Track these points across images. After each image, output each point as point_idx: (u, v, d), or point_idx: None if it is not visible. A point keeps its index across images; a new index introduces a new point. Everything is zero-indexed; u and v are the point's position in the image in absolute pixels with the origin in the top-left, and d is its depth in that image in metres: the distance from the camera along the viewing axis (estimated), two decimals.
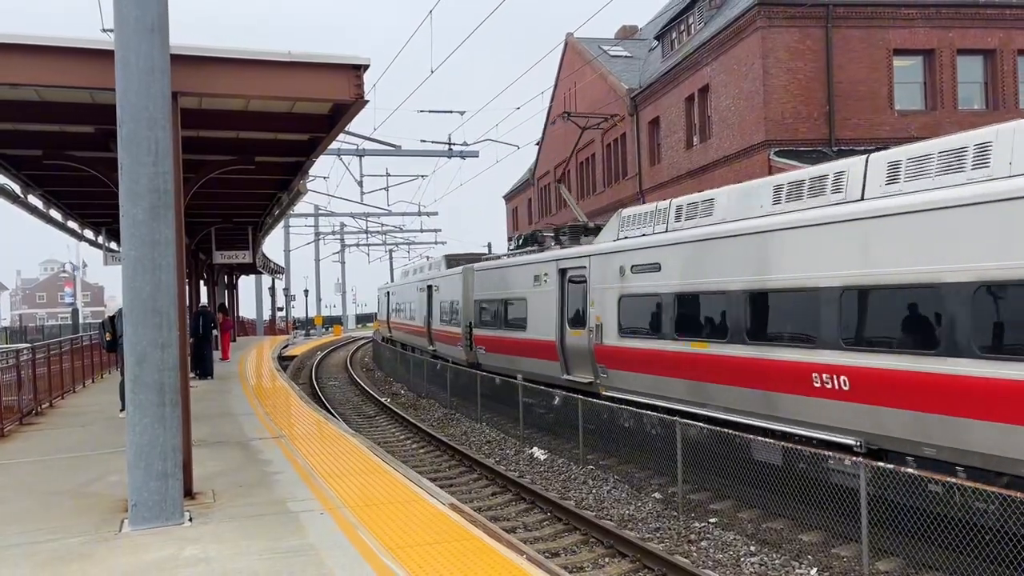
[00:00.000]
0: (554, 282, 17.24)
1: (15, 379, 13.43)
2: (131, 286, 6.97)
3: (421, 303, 30.08)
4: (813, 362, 10.05)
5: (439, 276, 27.33)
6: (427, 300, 28.73)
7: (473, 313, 22.47)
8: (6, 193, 12.47)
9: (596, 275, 15.35)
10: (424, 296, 29.46)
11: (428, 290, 28.67)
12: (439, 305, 26.73)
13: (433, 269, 29.14)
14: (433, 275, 28.37)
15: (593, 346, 15.31)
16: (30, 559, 6.27)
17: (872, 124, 23.13)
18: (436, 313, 27.27)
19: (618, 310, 14.49)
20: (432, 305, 27.93)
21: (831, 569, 8.90)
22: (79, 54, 7.58)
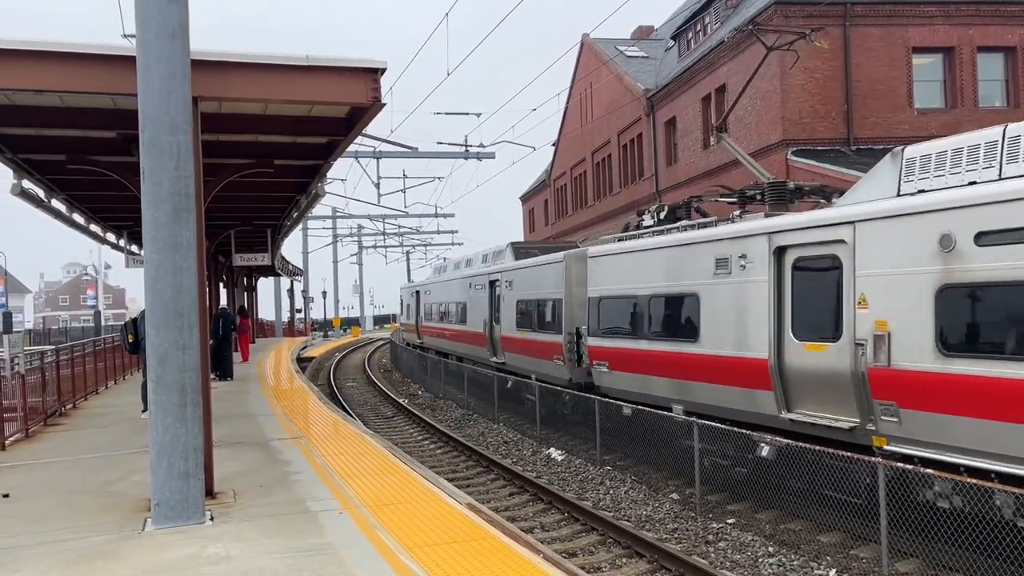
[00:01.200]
0: (761, 266, 11.29)
1: (39, 380, 13.64)
2: (153, 288, 7.08)
3: (477, 303, 24.28)
4: None
5: (509, 269, 21.54)
6: (489, 299, 23.06)
7: (586, 316, 16.35)
8: (30, 197, 12.67)
9: (876, 253, 9.44)
10: (482, 294, 23.74)
11: (490, 287, 23.04)
12: (512, 305, 20.88)
13: (495, 260, 23.91)
14: (498, 268, 22.66)
15: (866, 371, 9.41)
16: (55, 557, 6.38)
17: (891, 123, 22.98)
18: (507, 315, 21.35)
19: (936, 309, 8.61)
20: (498, 305, 22.22)
21: (850, 570, 8.87)
22: (101, 60, 7.71)
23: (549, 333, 18.29)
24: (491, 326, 22.90)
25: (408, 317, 38.98)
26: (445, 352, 29.01)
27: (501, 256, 23.55)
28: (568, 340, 17.23)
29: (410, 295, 38.25)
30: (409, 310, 38.39)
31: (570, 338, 17.18)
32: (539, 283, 19.15)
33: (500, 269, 22.52)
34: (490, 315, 22.99)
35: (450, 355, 27.99)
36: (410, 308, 37.87)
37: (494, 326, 22.67)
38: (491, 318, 22.90)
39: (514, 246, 22.87)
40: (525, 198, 56.53)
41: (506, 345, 21.57)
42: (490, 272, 23.38)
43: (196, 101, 7.80)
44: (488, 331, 23.17)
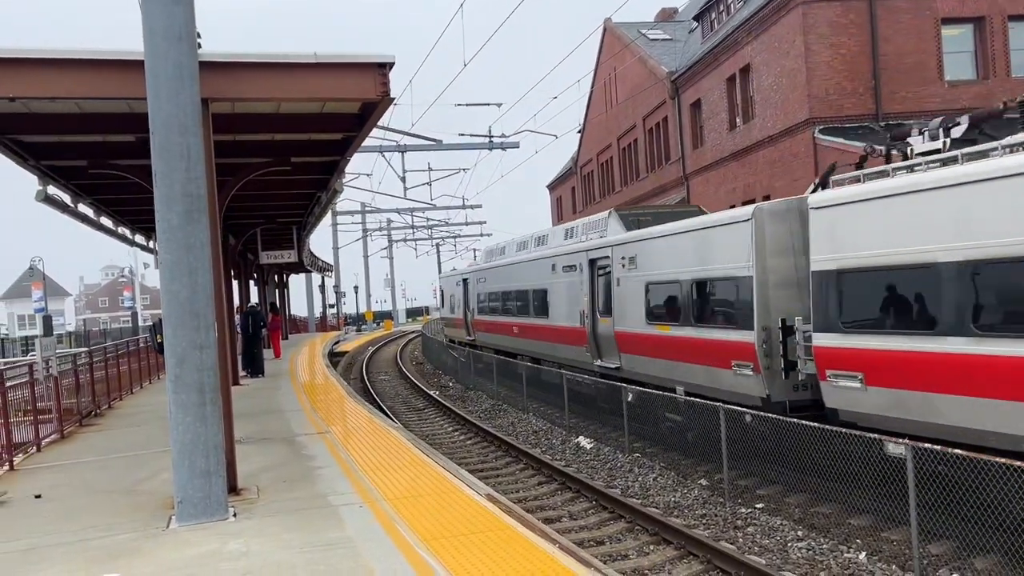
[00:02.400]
0: None
1: (74, 382, 13.92)
2: (169, 289, 7.17)
3: (567, 290, 19.10)
4: None
5: (628, 241, 15.89)
6: (590, 283, 17.69)
7: (801, 302, 11.42)
8: (56, 203, 12.89)
9: None
10: (574, 278, 18.57)
11: (590, 268, 17.69)
12: (638, 290, 15.30)
13: (590, 233, 18.41)
14: (604, 242, 17.05)
15: None
16: (83, 554, 6.51)
17: (921, 97, 22.47)
18: (625, 304, 15.88)
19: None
20: (607, 291, 16.81)
21: (881, 553, 8.74)
22: (113, 66, 7.78)
23: (722, 329, 12.53)
24: (593, 319, 17.36)
25: (453, 310, 33.32)
26: (509, 352, 23.89)
27: (600, 227, 17.84)
28: (763, 339, 11.54)
29: (454, 285, 32.76)
30: (454, 302, 33.02)
31: (765, 335, 11.54)
32: (696, 256, 13.34)
33: (609, 243, 16.66)
34: (592, 304, 17.46)
35: (519, 356, 22.78)
36: (455, 300, 32.62)
37: (598, 319, 17.17)
38: (593, 308, 17.39)
39: (620, 213, 17.48)
40: (552, 186, 56.38)
41: (626, 345, 15.90)
42: (590, 248, 17.64)
43: (206, 102, 7.85)
44: (590, 326, 17.47)
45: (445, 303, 35.98)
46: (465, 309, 30.68)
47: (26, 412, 12.41)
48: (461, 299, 31.27)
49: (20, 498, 8.66)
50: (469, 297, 29.88)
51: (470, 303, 29.80)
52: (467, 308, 30.38)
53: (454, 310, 33.19)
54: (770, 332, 11.59)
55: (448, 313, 35.12)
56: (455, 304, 32.77)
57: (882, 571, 8.28)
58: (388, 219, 63.05)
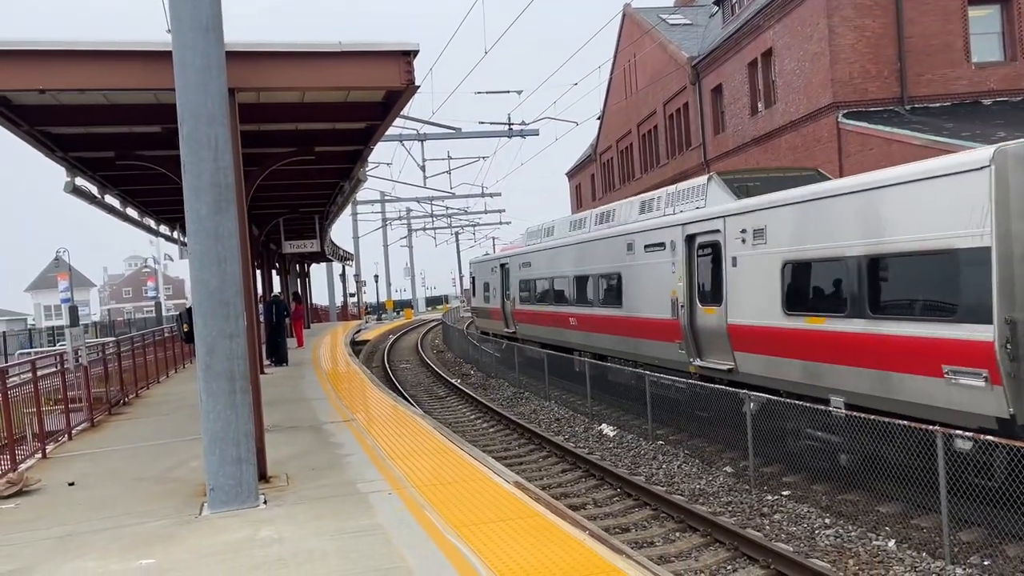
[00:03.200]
0: None
1: (103, 372, 14.09)
2: (198, 279, 7.22)
3: (649, 274, 15.78)
4: None
5: (752, 209, 12.43)
6: (685, 265, 14.38)
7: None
8: (83, 194, 13.03)
9: None
10: (661, 259, 15.27)
11: (686, 245, 14.41)
12: (770, 273, 11.91)
13: (681, 203, 15.14)
14: (709, 212, 13.67)
15: None
16: (117, 542, 6.60)
17: (947, 79, 22.13)
18: (743, 291, 12.63)
19: None
20: (714, 275, 13.51)
21: (910, 540, 8.68)
22: (140, 57, 7.84)
23: (927, 321, 9.23)
24: (691, 309, 14.12)
25: (487, 299, 29.99)
26: (562, 347, 21.03)
27: (695, 196, 14.66)
28: (1007, 336, 8.24)
29: (489, 271, 29.56)
30: (489, 290, 29.73)
31: (1010, 331, 8.23)
32: (874, 224, 9.96)
33: (717, 213, 13.34)
34: (689, 290, 14.21)
35: (575, 352, 19.92)
36: (490, 288, 29.56)
37: (699, 309, 13.93)
38: (691, 296, 14.18)
39: (725, 178, 14.32)
40: (571, 174, 56.19)
41: (745, 342, 12.58)
42: (687, 222, 14.26)
43: (233, 92, 7.89)
44: (686, 317, 14.23)
45: (477, 291, 32.46)
46: (503, 298, 27.66)
47: (56, 401, 12.61)
48: (498, 287, 28.27)
49: (54, 486, 8.79)
50: (509, 284, 26.80)
51: (510, 291, 26.72)
52: (505, 296, 27.43)
53: (489, 299, 29.91)
54: (1017, 326, 8.17)
55: (481, 302, 31.67)
56: (490, 292, 29.57)
57: (912, 558, 8.22)
58: (408, 208, 63.19)
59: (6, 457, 9.20)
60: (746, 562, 8.57)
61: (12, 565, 6.20)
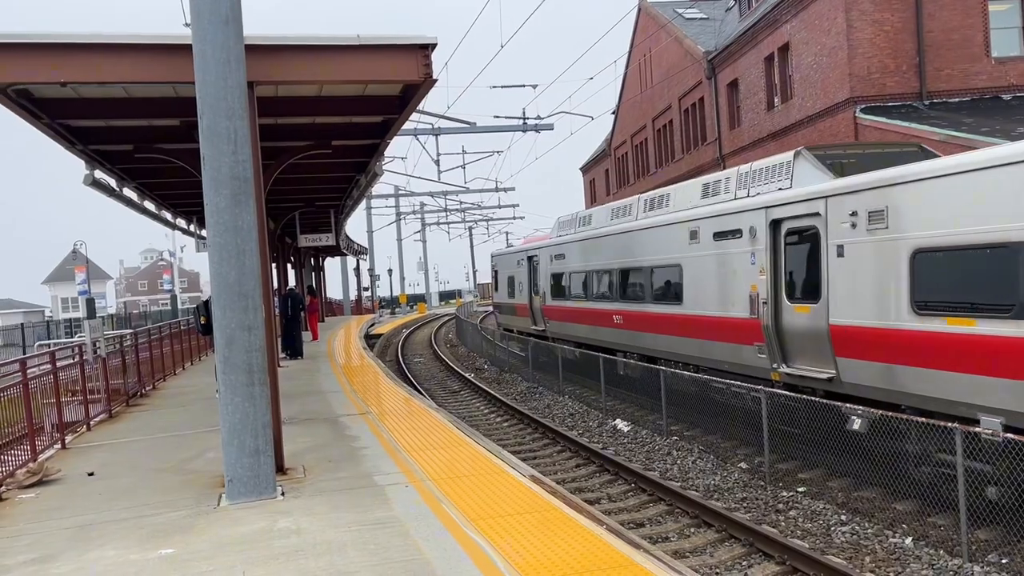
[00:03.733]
0: None
1: (121, 363, 14.21)
2: (217, 271, 7.26)
3: (727, 265, 13.55)
4: None
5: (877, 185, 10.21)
6: (769, 257, 12.42)
7: None
8: (102, 187, 13.12)
9: None
10: (739, 249, 13.22)
11: (771, 233, 12.45)
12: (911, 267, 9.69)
13: (763, 183, 13.14)
14: (813, 191, 11.39)
15: None
16: (137, 531, 6.66)
17: (967, 74, 21.92)
18: (876, 286, 10.24)
19: None
20: (824, 269, 11.15)
21: (927, 538, 8.63)
22: (160, 50, 7.88)
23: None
24: (776, 306, 12.25)
25: (512, 294, 27.80)
26: (603, 348, 19.01)
27: (777, 174, 12.80)
28: None
29: (515, 264, 27.41)
30: (514, 285, 27.65)
31: None
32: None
33: (814, 193, 11.28)
34: (773, 285, 12.29)
35: (618, 353, 18.28)
36: (515, 282, 27.44)
37: (785, 306, 12.07)
38: (776, 290, 12.28)
39: (816, 154, 12.41)
40: (585, 168, 56.08)
41: (852, 347, 10.53)
42: (771, 204, 12.31)
43: (252, 86, 7.92)
44: (770, 315, 12.27)
45: (500, 286, 29.94)
46: (531, 292, 25.56)
47: (75, 392, 12.73)
48: (525, 281, 26.09)
49: (74, 475, 8.88)
50: (538, 278, 24.70)
51: (539, 285, 24.66)
52: (533, 291, 25.31)
53: (513, 294, 27.72)
54: None
55: (504, 297, 29.31)
56: (515, 287, 27.40)
57: (929, 556, 8.18)
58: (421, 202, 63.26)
59: (27, 447, 9.29)
60: (761, 558, 8.55)
61: (34, 553, 6.27)
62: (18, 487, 8.42)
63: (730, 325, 13.49)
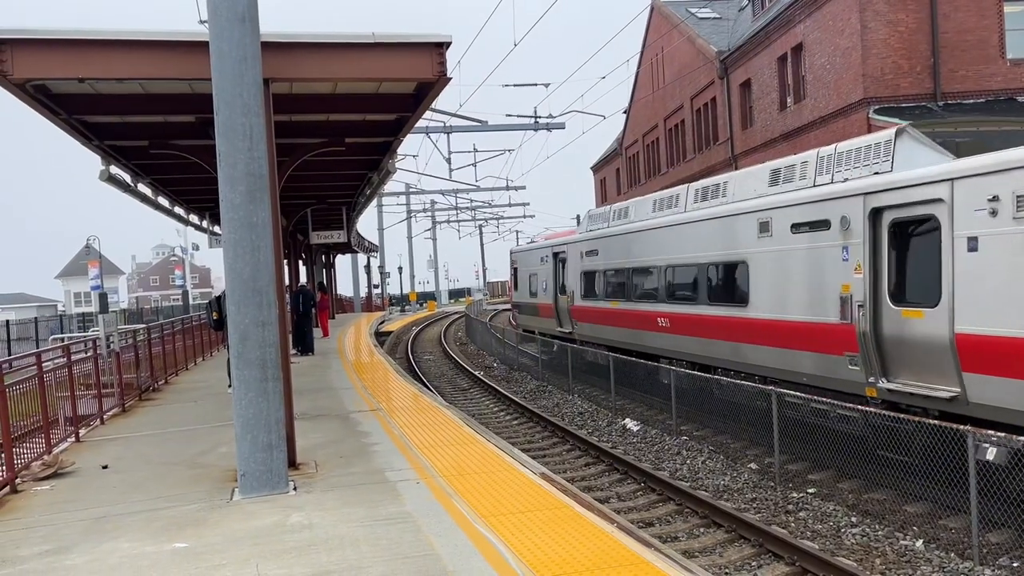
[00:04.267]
0: None
1: (134, 358, 14.30)
2: (232, 267, 7.31)
3: (809, 262, 11.91)
4: None
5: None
6: (873, 253, 10.70)
7: None
8: (118, 182, 13.22)
9: None
10: (837, 244, 11.30)
11: (871, 225, 10.76)
12: None
13: (849, 168, 11.52)
14: (937, 173, 9.63)
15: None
16: (151, 524, 6.72)
17: (982, 75, 21.80)
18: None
19: None
20: (952, 266, 9.36)
21: (938, 540, 8.61)
22: (177, 47, 7.94)
23: None
24: (875, 310, 10.49)
25: (534, 293, 26.39)
26: (644, 354, 17.39)
27: (875, 155, 11.10)
28: None
29: (538, 261, 25.93)
30: (535, 283, 26.22)
31: None
32: None
33: (935, 176, 9.64)
34: (874, 286, 10.59)
35: (662, 359, 16.60)
36: (538, 280, 25.99)
37: (889, 310, 10.32)
38: (877, 293, 10.52)
39: (923, 131, 11.19)
40: (596, 168, 56.02)
41: (987, 360, 8.93)
42: (872, 190, 10.62)
43: (267, 83, 7.96)
44: (868, 321, 10.54)
45: (520, 284, 28.29)
46: (556, 292, 23.97)
47: (88, 386, 12.82)
48: (549, 279, 24.55)
49: (88, 468, 8.96)
50: (566, 276, 23.02)
51: (566, 284, 23.04)
52: (558, 290, 23.85)
53: (536, 293, 26.19)
54: None
55: (525, 296, 27.64)
56: (539, 285, 25.81)
57: (940, 559, 8.17)
58: (432, 200, 63.36)
59: (42, 439, 9.37)
60: (771, 559, 8.56)
61: (49, 545, 6.34)
62: (33, 479, 8.50)
63: (812, 331, 11.77)
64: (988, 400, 8.88)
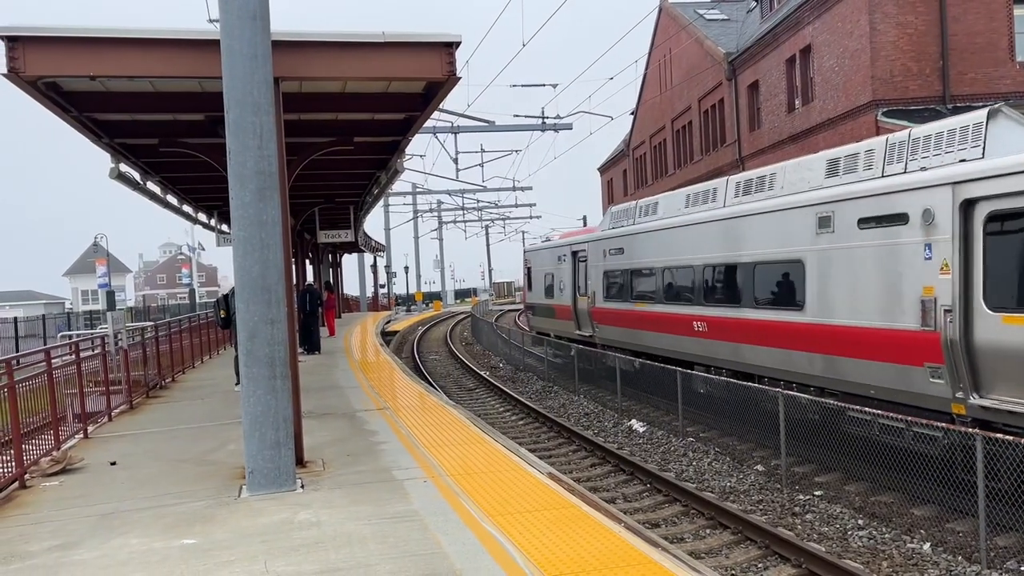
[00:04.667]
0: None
1: (141, 356, 14.35)
2: (241, 265, 7.33)
3: (879, 263, 10.69)
4: None
5: None
6: (964, 251, 9.35)
7: None
8: (127, 180, 13.27)
9: None
10: (919, 242, 9.98)
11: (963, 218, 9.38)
12: None
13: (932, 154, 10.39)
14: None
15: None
16: (160, 520, 6.75)
17: (991, 78, 21.74)
18: None
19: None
20: None
21: (945, 544, 8.59)
22: (188, 45, 7.97)
23: None
24: (966, 316, 9.34)
25: (552, 294, 24.98)
26: (673, 359, 16.18)
27: (962, 140, 10.11)
28: None
29: (556, 260, 24.63)
30: (553, 283, 24.87)
31: None
32: None
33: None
34: (964, 287, 9.39)
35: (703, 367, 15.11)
36: (554, 280, 24.71)
37: (984, 314, 9.12)
38: (968, 296, 9.34)
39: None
40: (603, 169, 56.00)
41: None
42: (965, 178, 9.37)
43: (277, 81, 7.99)
44: (958, 328, 9.32)
45: (535, 284, 27.02)
46: (575, 293, 22.77)
47: (97, 383, 12.87)
48: (568, 279, 23.25)
49: (96, 465, 8.99)
50: (587, 276, 21.70)
51: (586, 284, 21.79)
52: (577, 291, 22.66)
53: (552, 294, 24.96)
54: None
55: (540, 298, 26.38)
56: (556, 286, 24.57)
57: (947, 562, 8.14)
58: (439, 200, 63.40)
59: (50, 436, 9.41)
60: (777, 560, 8.54)
61: (58, 540, 6.36)
62: (42, 475, 8.54)
63: (883, 339, 10.52)
64: None
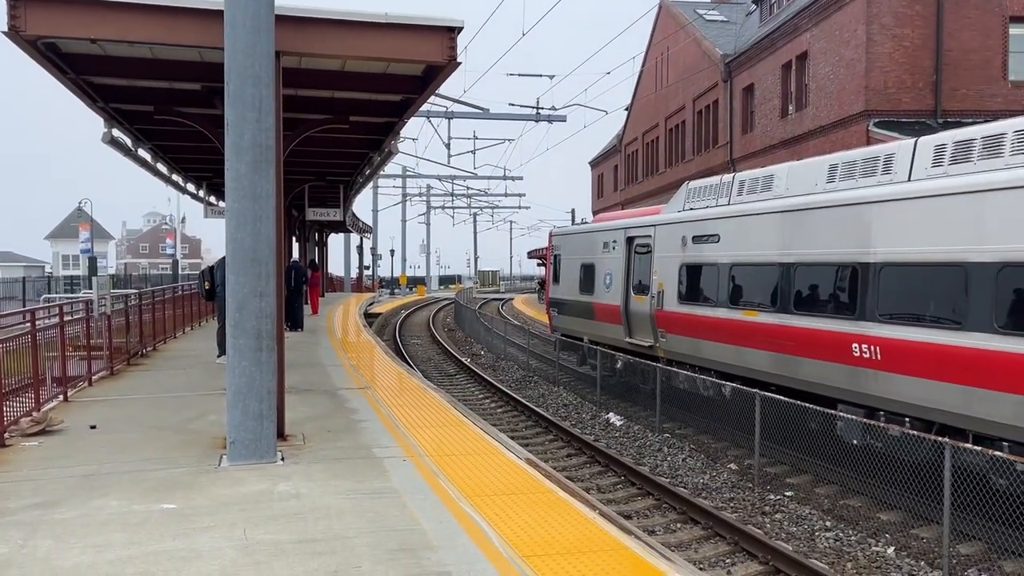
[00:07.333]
0: None
1: (123, 323, 14.32)
2: (233, 236, 7.37)
3: None
4: None
5: None
6: None
7: None
8: (119, 145, 13.21)
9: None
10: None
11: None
12: None
13: None
14: None
15: None
16: (140, 484, 6.80)
17: (982, 95, 21.98)
18: None
19: None
20: None
21: (909, 549, 8.79)
22: (191, 14, 7.96)
23: None
24: None
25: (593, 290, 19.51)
26: (791, 388, 11.78)
27: None
28: None
29: (599, 247, 19.36)
30: (593, 276, 19.57)
31: None
32: None
33: None
34: None
35: (864, 409, 10.52)
36: (597, 273, 19.33)
37: None
38: None
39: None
40: (595, 163, 56.09)
41: None
42: None
43: (278, 55, 8.00)
44: None
45: (564, 276, 21.76)
46: (627, 290, 17.72)
47: (78, 347, 12.86)
48: (618, 271, 18.11)
49: (76, 428, 9.01)
50: (651, 269, 16.53)
51: (647, 280, 16.71)
52: (632, 288, 17.58)
53: (592, 289, 19.57)
54: None
55: (572, 293, 20.93)
56: (599, 279, 19.23)
57: (909, 567, 8.33)
58: (428, 185, 63.27)
59: (30, 398, 9.40)
60: (745, 557, 8.71)
61: (38, 499, 6.40)
62: (21, 435, 8.55)
63: None
64: None
